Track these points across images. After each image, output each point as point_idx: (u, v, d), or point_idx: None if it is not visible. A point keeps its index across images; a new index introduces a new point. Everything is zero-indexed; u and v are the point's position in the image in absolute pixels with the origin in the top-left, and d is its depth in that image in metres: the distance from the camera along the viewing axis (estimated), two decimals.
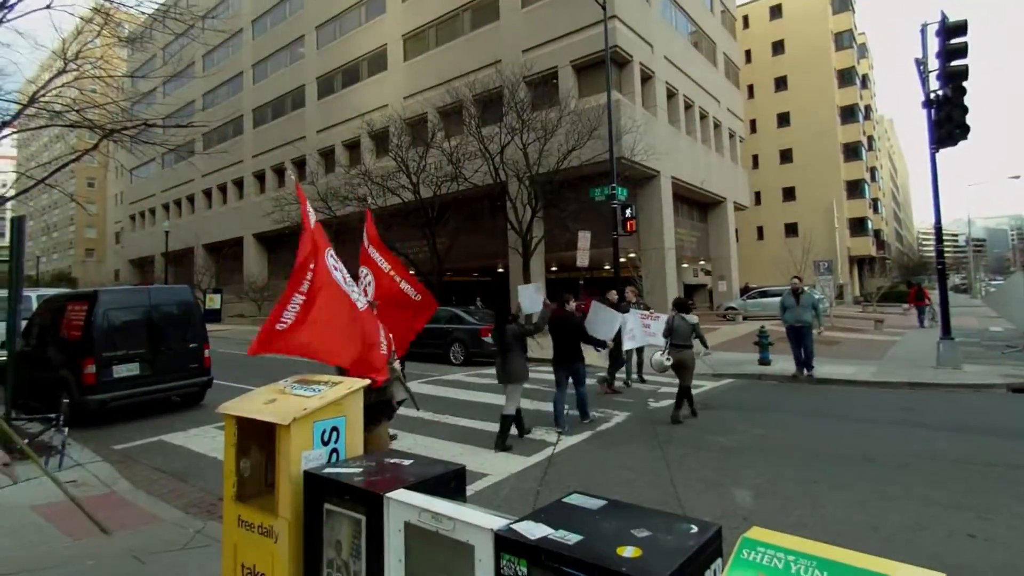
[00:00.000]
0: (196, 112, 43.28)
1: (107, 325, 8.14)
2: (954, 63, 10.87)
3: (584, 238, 15.77)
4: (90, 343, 7.95)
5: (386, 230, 24.23)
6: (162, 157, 45.64)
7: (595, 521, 1.85)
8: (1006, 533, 3.87)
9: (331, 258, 3.85)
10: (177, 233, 40.61)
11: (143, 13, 10.40)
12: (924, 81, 11.57)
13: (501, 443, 6.36)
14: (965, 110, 11.00)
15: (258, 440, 2.80)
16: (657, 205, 24.59)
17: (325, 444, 2.65)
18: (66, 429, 5.99)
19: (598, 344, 8.23)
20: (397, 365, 4.84)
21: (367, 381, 2.91)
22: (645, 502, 4.62)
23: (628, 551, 1.60)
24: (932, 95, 11.37)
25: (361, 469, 2.43)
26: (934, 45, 11.22)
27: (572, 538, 1.69)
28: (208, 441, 6.92)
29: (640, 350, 10.30)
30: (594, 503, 1.99)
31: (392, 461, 2.54)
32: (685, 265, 31.34)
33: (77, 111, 10.58)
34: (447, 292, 25.78)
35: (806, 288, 10.92)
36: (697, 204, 31.50)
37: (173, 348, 8.72)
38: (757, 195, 45.91)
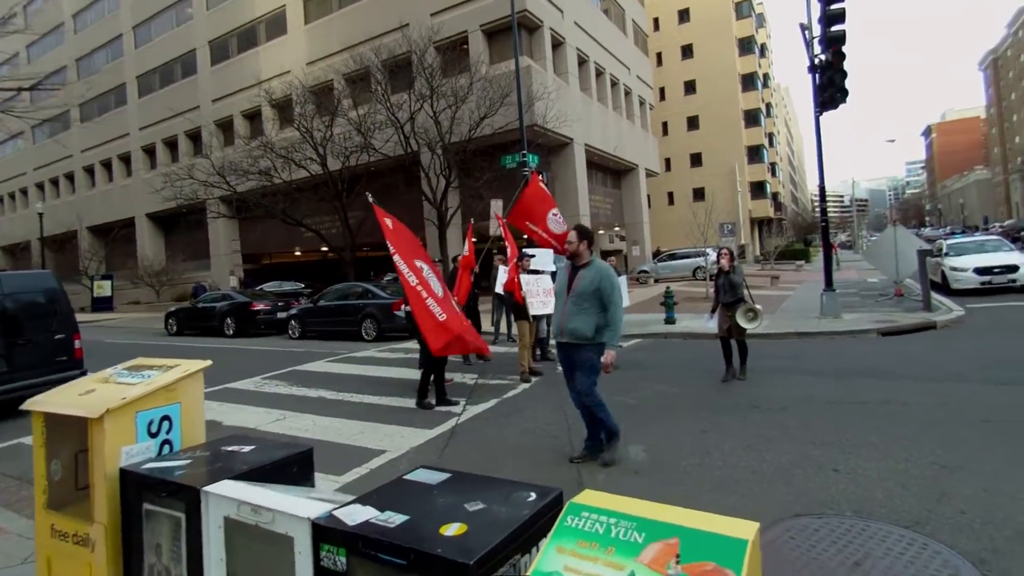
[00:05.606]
0: (69, 80, 38.78)
1: None
2: (834, 28, 11.43)
3: (496, 206, 15.56)
4: None
5: (292, 204, 23.03)
6: (32, 131, 40.75)
7: (431, 497, 1.71)
8: (865, 465, 4.17)
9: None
10: (56, 215, 36.63)
11: None
12: (808, 46, 12.13)
13: None
14: (844, 74, 11.65)
15: (78, 437, 2.46)
16: (571, 172, 24.77)
17: (154, 436, 2.35)
18: None
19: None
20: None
21: (207, 363, 2.61)
22: (541, 466, 4.63)
23: (452, 528, 1.48)
24: (815, 60, 11.97)
25: (189, 461, 2.16)
26: (817, 11, 11.77)
27: (397, 519, 1.54)
28: None
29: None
30: (436, 477, 1.85)
31: (230, 449, 2.29)
32: (601, 232, 31.99)
33: None
34: (363, 268, 24.94)
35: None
36: (610, 171, 32.09)
37: (35, 340, 7.80)
38: (667, 161, 47.46)
